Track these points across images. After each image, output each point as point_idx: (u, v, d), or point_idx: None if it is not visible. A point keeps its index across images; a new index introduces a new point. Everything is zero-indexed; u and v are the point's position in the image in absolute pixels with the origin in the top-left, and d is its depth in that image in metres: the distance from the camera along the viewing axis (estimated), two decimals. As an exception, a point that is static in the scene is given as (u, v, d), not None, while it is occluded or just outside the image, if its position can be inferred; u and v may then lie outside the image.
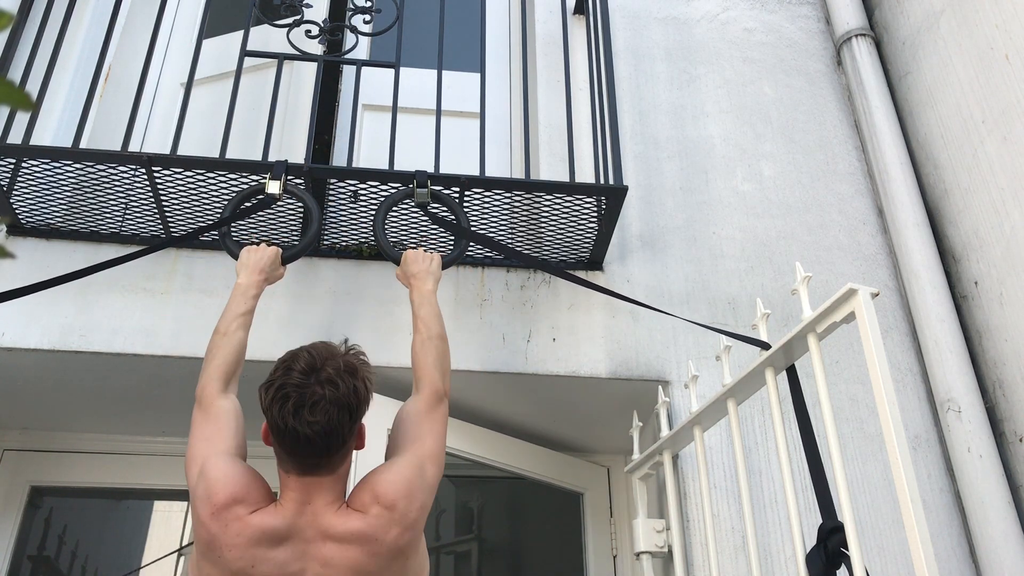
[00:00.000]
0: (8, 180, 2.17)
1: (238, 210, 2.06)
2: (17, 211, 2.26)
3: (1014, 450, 2.23)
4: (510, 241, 2.39)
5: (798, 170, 2.77)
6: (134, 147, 2.67)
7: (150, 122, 2.85)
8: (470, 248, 2.32)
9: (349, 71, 2.90)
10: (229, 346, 1.78)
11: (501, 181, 2.20)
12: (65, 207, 2.28)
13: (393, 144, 2.21)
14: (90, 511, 2.68)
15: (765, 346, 1.70)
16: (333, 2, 2.95)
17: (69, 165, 2.15)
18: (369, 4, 2.39)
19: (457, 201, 2.18)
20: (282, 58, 2.30)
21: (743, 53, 3.01)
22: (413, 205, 2.18)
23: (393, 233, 2.33)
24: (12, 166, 2.14)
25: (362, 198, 2.27)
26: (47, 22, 2.34)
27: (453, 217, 2.16)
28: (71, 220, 2.30)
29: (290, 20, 2.39)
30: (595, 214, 2.30)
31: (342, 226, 2.36)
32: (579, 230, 2.35)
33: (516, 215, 2.34)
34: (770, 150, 2.79)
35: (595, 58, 2.47)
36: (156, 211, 2.27)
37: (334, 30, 2.42)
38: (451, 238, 2.35)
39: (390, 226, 2.30)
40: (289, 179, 2.11)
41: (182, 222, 2.31)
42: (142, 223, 2.32)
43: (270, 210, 2.24)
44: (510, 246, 2.39)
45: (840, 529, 1.45)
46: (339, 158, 2.76)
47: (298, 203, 2.22)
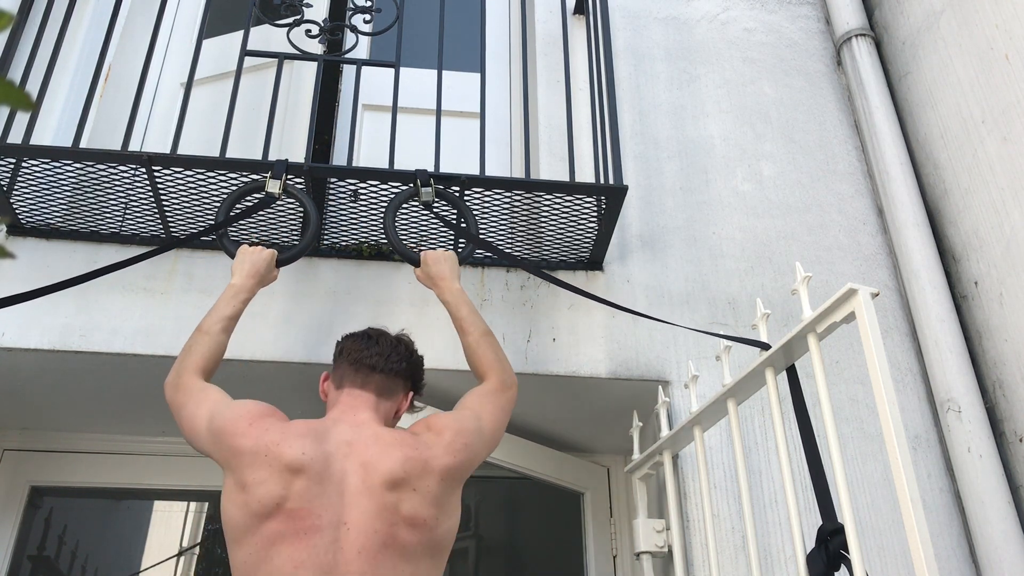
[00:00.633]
0: (8, 180, 2.17)
1: (238, 211, 2.06)
2: (17, 211, 2.26)
3: (1014, 450, 2.23)
4: (510, 241, 2.39)
5: (798, 170, 2.77)
6: (134, 147, 2.68)
7: (150, 122, 2.85)
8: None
9: (349, 71, 2.90)
10: (209, 345, 1.77)
11: (501, 180, 2.20)
12: (65, 207, 2.28)
13: (393, 144, 2.21)
14: (90, 511, 2.68)
15: (765, 346, 1.70)
16: (333, 2, 2.95)
17: (69, 165, 2.15)
18: (369, 4, 2.39)
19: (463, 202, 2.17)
20: (282, 58, 2.30)
21: (743, 53, 3.01)
22: (419, 203, 2.18)
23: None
24: (12, 166, 2.14)
25: (362, 198, 2.27)
26: (47, 22, 2.34)
27: (460, 218, 2.16)
28: (71, 220, 2.30)
29: (290, 20, 2.39)
30: (595, 214, 2.30)
31: (342, 226, 2.36)
32: (579, 230, 2.35)
33: (516, 215, 2.34)
34: (770, 150, 2.79)
35: (595, 58, 2.47)
36: (156, 211, 2.27)
37: (334, 30, 2.42)
38: (451, 237, 2.35)
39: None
40: (289, 178, 2.11)
41: (182, 222, 2.31)
42: (142, 223, 2.32)
43: (270, 210, 2.24)
44: (515, 254, 2.39)
45: (841, 531, 1.45)
46: (339, 158, 2.76)
47: (298, 204, 2.22)
